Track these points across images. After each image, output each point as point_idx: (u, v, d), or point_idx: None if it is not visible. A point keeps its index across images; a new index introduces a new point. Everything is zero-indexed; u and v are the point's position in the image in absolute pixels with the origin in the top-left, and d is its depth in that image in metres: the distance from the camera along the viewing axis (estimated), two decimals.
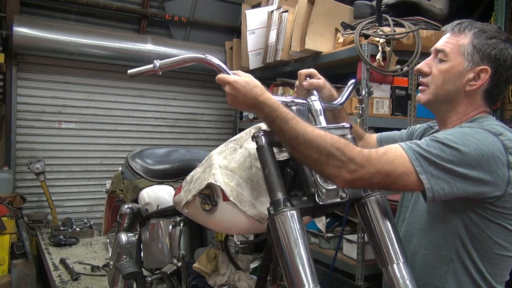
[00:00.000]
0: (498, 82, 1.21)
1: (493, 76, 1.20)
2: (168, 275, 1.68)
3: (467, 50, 1.20)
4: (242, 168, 1.24)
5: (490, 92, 1.23)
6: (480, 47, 1.19)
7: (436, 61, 1.26)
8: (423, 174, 1.04)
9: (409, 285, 1.04)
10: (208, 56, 1.21)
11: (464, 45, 1.21)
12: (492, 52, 1.19)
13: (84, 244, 3.62)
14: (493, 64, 1.19)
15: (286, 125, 1.06)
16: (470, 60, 1.20)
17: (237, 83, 1.12)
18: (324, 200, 1.06)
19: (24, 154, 3.93)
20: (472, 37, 1.21)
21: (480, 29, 1.22)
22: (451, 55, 1.22)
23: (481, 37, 1.20)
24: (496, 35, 1.21)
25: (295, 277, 0.96)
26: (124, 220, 1.99)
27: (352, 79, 1.51)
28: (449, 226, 1.18)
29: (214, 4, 4.67)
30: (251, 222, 1.24)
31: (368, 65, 2.69)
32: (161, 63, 1.20)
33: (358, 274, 2.69)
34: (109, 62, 4.06)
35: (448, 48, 1.23)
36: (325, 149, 1.02)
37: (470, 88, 1.21)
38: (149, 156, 1.98)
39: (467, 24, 1.24)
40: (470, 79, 1.20)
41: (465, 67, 1.20)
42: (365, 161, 1.02)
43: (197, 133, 4.78)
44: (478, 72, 1.20)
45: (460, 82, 1.21)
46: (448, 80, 1.23)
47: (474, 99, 1.23)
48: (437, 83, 1.25)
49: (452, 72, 1.22)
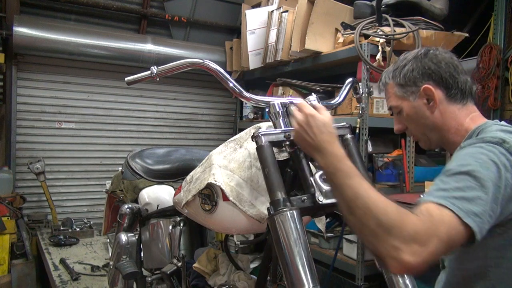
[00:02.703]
0: (447, 82, 1.25)
1: (437, 84, 1.25)
2: (168, 275, 1.68)
3: (401, 90, 1.29)
4: (242, 168, 1.24)
5: (452, 94, 1.26)
6: (405, 80, 1.28)
7: (398, 116, 1.35)
8: (467, 217, 0.93)
9: (408, 285, 1.04)
10: (206, 61, 1.21)
11: (395, 89, 1.31)
12: (414, 73, 1.26)
13: (84, 244, 3.62)
14: (425, 79, 1.25)
15: (347, 181, 0.96)
16: (410, 93, 1.27)
17: (314, 119, 1.07)
18: (324, 200, 1.06)
19: (24, 154, 3.93)
20: (393, 80, 1.31)
21: (393, 69, 1.33)
22: (399, 104, 1.31)
23: (397, 73, 1.30)
24: (405, 62, 1.30)
25: (295, 277, 0.96)
26: (124, 220, 1.99)
27: (349, 78, 1.51)
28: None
29: (214, 4, 4.67)
30: (251, 222, 1.24)
31: (368, 65, 2.69)
32: (158, 70, 1.20)
33: (358, 274, 2.70)
34: (109, 62, 4.06)
35: (393, 102, 1.33)
36: (385, 221, 0.90)
37: (435, 107, 1.26)
38: (149, 156, 1.98)
39: (384, 76, 1.36)
40: (426, 103, 1.26)
41: (413, 101, 1.27)
42: (425, 233, 0.88)
43: (197, 133, 4.78)
44: (425, 94, 1.25)
45: (424, 112, 1.27)
46: (418, 120, 1.29)
47: (447, 111, 1.26)
48: (416, 130, 1.32)
49: (412, 113, 1.29)
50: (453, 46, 3.06)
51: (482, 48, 3.49)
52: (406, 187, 2.89)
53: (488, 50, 3.44)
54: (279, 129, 1.14)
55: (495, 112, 3.46)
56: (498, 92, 3.43)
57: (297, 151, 1.16)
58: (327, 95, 3.16)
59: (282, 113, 1.18)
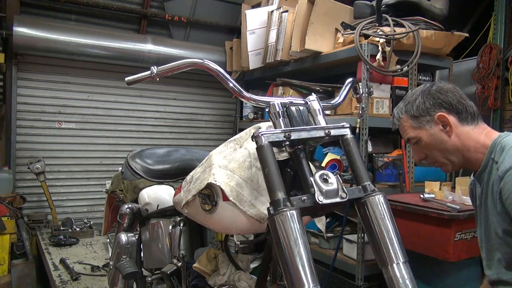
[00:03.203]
0: (457, 108, 1.38)
1: (449, 111, 1.38)
2: (168, 275, 1.68)
3: (416, 121, 1.41)
4: (242, 168, 1.24)
5: (463, 118, 1.38)
6: (419, 112, 1.40)
7: (417, 146, 1.46)
8: None
9: (409, 285, 1.04)
10: (206, 61, 1.21)
11: (410, 122, 1.43)
12: (426, 104, 1.39)
13: (84, 244, 3.62)
14: (437, 108, 1.38)
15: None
16: (426, 122, 1.40)
17: None
18: (324, 200, 1.06)
19: (24, 154, 3.93)
20: (406, 114, 1.43)
21: (405, 105, 1.44)
22: (416, 134, 1.42)
23: (410, 107, 1.42)
24: (414, 96, 1.42)
25: (295, 277, 0.96)
26: (124, 220, 1.99)
27: (349, 78, 1.51)
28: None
29: (214, 4, 4.67)
30: (251, 222, 1.24)
31: (368, 65, 2.69)
32: (158, 70, 1.20)
33: (358, 274, 2.70)
34: (109, 62, 4.06)
35: (410, 134, 1.44)
36: None
37: (451, 132, 1.38)
38: (149, 156, 1.98)
39: (396, 112, 1.48)
40: (443, 129, 1.39)
41: (429, 129, 1.40)
42: None
43: (197, 133, 4.78)
44: (440, 121, 1.38)
45: (443, 137, 1.39)
46: (438, 146, 1.40)
47: (463, 132, 1.38)
48: (438, 156, 1.43)
49: (431, 140, 1.40)
50: (453, 46, 3.07)
51: (482, 48, 3.50)
52: (406, 187, 2.89)
53: (488, 50, 3.44)
54: (279, 129, 1.14)
55: (495, 112, 3.46)
56: (498, 92, 3.43)
57: (297, 151, 1.16)
58: (327, 95, 3.17)
59: (282, 113, 1.18)
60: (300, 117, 1.18)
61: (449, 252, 2.15)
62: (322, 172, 1.07)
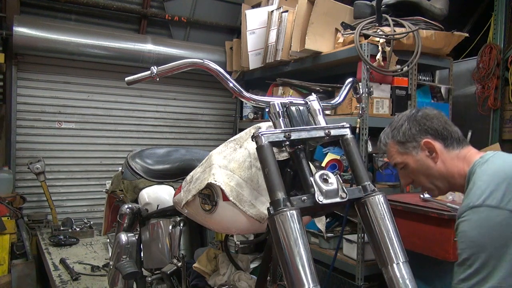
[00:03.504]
0: (442, 134, 1.39)
1: (435, 137, 1.39)
2: (168, 275, 1.68)
3: (403, 147, 1.42)
4: (242, 168, 1.24)
5: (448, 144, 1.39)
6: (406, 138, 1.41)
7: (404, 171, 1.46)
8: None
9: (408, 285, 1.04)
10: (206, 61, 1.20)
11: (397, 147, 1.44)
12: (412, 131, 1.40)
13: (84, 244, 3.62)
14: (423, 134, 1.39)
15: None
16: (412, 148, 1.41)
17: None
18: (324, 200, 1.06)
19: (24, 154, 3.93)
20: (392, 139, 1.45)
21: (391, 130, 1.46)
22: (403, 159, 1.43)
23: (396, 132, 1.44)
24: (401, 122, 1.43)
25: (295, 277, 0.96)
26: (124, 220, 1.99)
27: (349, 78, 1.51)
28: None
29: (214, 4, 4.67)
30: (251, 222, 1.24)
31: (368, 65, 2.69)
32: (158, 70, 1.20)
33: (358, 274, 2.70)
34: (109, 62, 4.06)
35: (397, 159, 1.45)
36: None
37: (437, 158, 1.39)
38: (149, 156, 1.98)
39: (383, 137, 1.49)
40: (429, 155, 1.39)
41: (415, 155, 1.41)
42: None
43: (197, 133, 4.78)
44: (426, 147, 1.39)
45: (429, 163, 1.40)
46: (424, 171, 1.42)
47: (448, 158, 1.39)
48: (424, 181, 1.44)
49: (417, 166, 1.41)
50: (453, 46, 3.07)
51: (482, 48, 3.50)
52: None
53: (488, 50, 3.44)
54: (279, 129, 1.14)
55: (495, 112, 3.46)
56: (498, 92, 3.43)
57: (297, 151, 1.16)
58: (327, 95, 3.17)
59: (282, 113, 1.18)
60: (300, 117, 1.18)
61: (449, 252, 2.15)
62: (322, 172, 1.07)
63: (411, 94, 2.92)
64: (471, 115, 3.61)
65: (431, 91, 3.28)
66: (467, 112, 3.65)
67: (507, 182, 1.21)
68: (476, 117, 3.56)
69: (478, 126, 3.53)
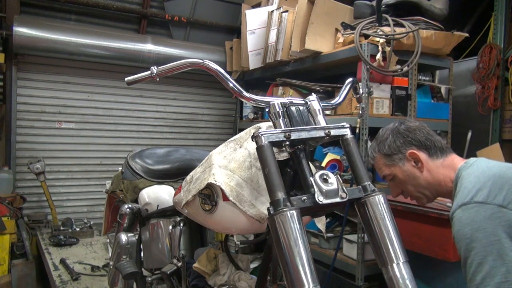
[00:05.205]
0: (426, 144, 1.45)
1: (419, 148, 1.45)
2: (168, 275, 1.68)
3: (389, 159, 1.49)
4: (242, 168, 1.24)
5: (432, 153, 1.45)
6: (391, 150, 1.48)
7: (393, 183, 1.53)
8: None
9: (408, 285, 1.04)
10: (206, 61, 1.20)
11: (384, 160, 1.51)
12: (396, 143, 1.47)
13: (84, 244, 3.62)
14: (407, 146, 1.46)
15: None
16: (398, 160, 1.47)
17: None
18: (324, 200, 1.06)
19: (24, 154, 3.93)
20: (379, 153, 1.52)
21: (377, 144, 1.53)
22: (391, 171, 1.50)
23: (382, 146, 1.51)
24: (385, 136, 1.51)
25: (295, 277, 0.96)
26: (124, 220, 1.99)
27: (349, 78, 1.51)
28: None
29: (214, 4, 4.67)
30: (251, 222, 1.24)
31: (368, 65, 2.69)
32: (158, 70, 1.20)
33: (358, 274, 2.70)
34: (109, 62, 4.06)
35: (385, 171, 1.52)
36: None
37: (423, 167, 1.45)
38: (149, 156, 1.98)
39: (370, 151, 1.57)
40: (415, 165, 1.46)
41: (402, 166, 1.48)
42: None
43: (197, 133, 4.78)
44: (411, 158, 1.46)
45: (415, 173, 1.46)
46: (411, 181, 1.48)
47: (433, 167, 1.46)
48: (412, 190, 1.51)
49: (404, 176, 1.48)
50: (453, 46, 3.07)
51: (482, 48, 3.50)
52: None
53: (488, 50, 3.44)
54: (279, 129, 1.14)
55: (495, 112, 3.46)
56: (498, 92, 3.43)
57: (297, 151, 1.16)
58: (327, 95, 3.17)
59: (282, 113, 1.18)
60: (300, 117, 1.18)
61: (449, 252, 2.15)
62: (322, 172, 1.07)
63: (411, 94, 2.92)
64: (471, 115, 3.61)
65: (431, 91, 3.28)
66: (467, 112, 3.65)
67: (491, 181, 1.26)
68: (476, 117, 3.56)
69: (478, 126, 3.53)
